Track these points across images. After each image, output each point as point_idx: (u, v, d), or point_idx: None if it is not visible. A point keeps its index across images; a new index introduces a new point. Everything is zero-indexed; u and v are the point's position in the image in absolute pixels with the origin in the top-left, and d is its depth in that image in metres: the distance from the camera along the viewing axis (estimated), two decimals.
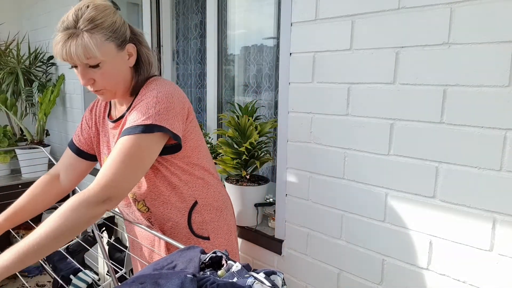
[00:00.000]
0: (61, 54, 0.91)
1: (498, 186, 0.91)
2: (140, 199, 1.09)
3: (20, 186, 2.66)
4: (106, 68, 0.95)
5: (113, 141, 1.12)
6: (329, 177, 1.25)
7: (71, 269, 1.39)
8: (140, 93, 1.03)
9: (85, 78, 0.95)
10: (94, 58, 0.92)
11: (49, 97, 2.67)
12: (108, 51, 0.94)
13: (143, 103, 0.97)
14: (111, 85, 0.99)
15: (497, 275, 0.93)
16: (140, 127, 0.93)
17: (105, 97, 1.02)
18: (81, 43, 0.89)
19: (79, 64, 0.94)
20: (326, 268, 1.29)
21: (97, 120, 1.20)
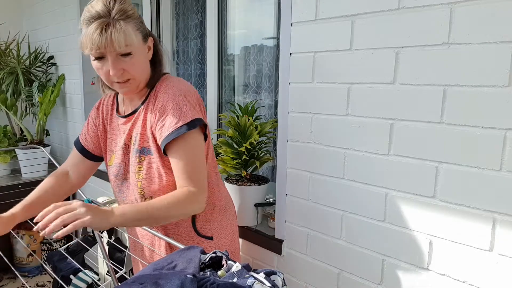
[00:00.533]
0: (99, 42, 0.91)
1: (498, 186, 0.91)
2: (148, 196, 1.08)
3: (20, 186, 2.66)
4: (136, 57, 0.98)
5: (123, 136, 1.11)
6: (329, 177, 1.25)
7: (71, 269, 1.39)
8: (157, 89, 1.06)
9: (116, 68, 0.96)
10: (131, 46, 0.95)
11: (49, 97, 2.67)
12: (138, 41, 0.98)
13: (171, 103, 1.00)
14: (138, 75, 1.01)
15: (497, 275, 0.93)
16: (184, 127, 0.97)
17: (130, 88, 1.03)
18: (121, 30, 0.92)
19: (111, 53, 0.94)
20: (326, 268, 1.29)
21: (104, 118, 1.19)
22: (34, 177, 2.74)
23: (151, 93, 1.07)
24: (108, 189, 2.42)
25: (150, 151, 1.05)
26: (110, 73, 0.97)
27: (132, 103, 1.12)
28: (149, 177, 1.06)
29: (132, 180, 1.09)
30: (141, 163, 1.06)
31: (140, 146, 1.07)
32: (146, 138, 1.06)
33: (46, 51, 2.96)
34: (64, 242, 2.87)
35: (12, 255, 2.73)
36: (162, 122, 1.00)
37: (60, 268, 1.36)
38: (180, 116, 0.98)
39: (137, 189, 1.08)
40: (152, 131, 1.04)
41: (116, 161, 1.13)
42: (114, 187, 1.17)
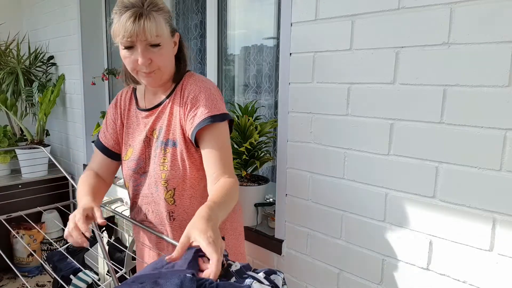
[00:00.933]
0: (131, 30, 0.94)
1: (498, 186, 0.91)
2: (171, 188, 1.08)
3: (20, 186, 2.66)
4: (164, 49, 1.01)
5: (144, 130, 1.12)
6: (329, 177, 1.25)
7: (71, 269, 1.39)
8: (184, 83, 1.09)
9: (145, 57, 0.99)
10: (160, 37, 0.98)
11: (49, 97, 2.67)
12: (167, 34, 1.02)
13: (204, 94, 1.04)
14: (164, 67, 1.04)
15: (497, 275, 0.93)
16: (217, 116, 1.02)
17: (154, 79, 1.04)
18: (153, 20, 0.96)
19: (142, 42, 0.97)
20: (326, 268, 1.29)
21: (122, 113, 1.19)
22: (34, 177, 2.74)
23: (177, 87, 1.10)
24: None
25: (175, 143, 1.07)
26: (139, 62, 0.99)
27: (155, 97, 1.13)
28: (174, 169, 1.07)
29: (155, 172, 1.08)
30: (166, 155, 1.07)
31: (165, 138, 1.08)
32: (172, 131, 1.08)
33: (46, 51, 2.96)
34: (64, 242, 2.87)
35: (12, 255, 2.73)
36: (194, 112, 1.03)
37: (60, 268, 1.36)
38: (213, 107, 1.03)
39: (161, 181, 1.08)
40: (180, 123, 1.06)
41: (134, 155, 1.13)
42: (131, 181, 1.16)
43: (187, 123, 1.04)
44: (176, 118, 1.07)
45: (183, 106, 1.07)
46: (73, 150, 2.86)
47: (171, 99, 1.10)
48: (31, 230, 2.69)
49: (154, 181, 1.09)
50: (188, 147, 1.07)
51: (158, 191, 1.09)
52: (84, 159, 2.67)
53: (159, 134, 1.10)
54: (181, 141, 1.06)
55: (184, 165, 1.07)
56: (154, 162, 1.09)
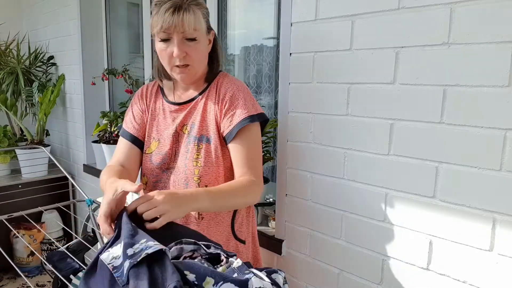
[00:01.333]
0: (170, 21, 0.95)
1: (498, 186, 0.91)
2: (203, 185, 1.07)
3: (20, 186, 2.66)
4: (200, 43, 1.02)
5: (173, 124, 1.11)
6: (329, 177, 1.25)
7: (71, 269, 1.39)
8: (219, 81, 1.10)
9: (181, 50, 0.99)
10: (197, 32, 1.00)
11: (49, 97, 2.67)
12: (204, 29, 1.03)
13: (242, 94, 1.06)
14: (198, 62, 1.05)
15: (497, 275, 0.93)
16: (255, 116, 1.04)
17: (188, 75, 1.05)
18: (192, 13, 0.97)
19: (179, 35, 0.98)
20: (326, 268, 1.29)
21: (148, 104, 1.18)
22: (34, 177, 2.75)
23: (211, 85, 1.11)
24: None
25: (209, 140, 1.07)
26: (174, 54, 0.99)
27: (186, 93, 1.13)
28: (207, 165, 1.06)
29: (187, 168, 1.06)
30: (199, 151, 1.07)
31: (198, 134, 1.07)
32: (206, 127, 1.08)
33: (46, 51, 2.97)
34: (64, 241, 2.87)
35: (12, 255, 2.73)
36: (233, 110, 1.04)
37: (60, 268, 1.36)
38: (251, 107, 1.05)
39: (193, 177, 1.06)
40: (215, 120, 1.07)
41: (160, 149, 1.11)
42: (151, 176, 1.13)
43: (224, 120, 1.05)
44: (210, 115, 1.08)
45: (219, 103, 1.07)
46: (73, 150, 2.86)
47: (204, 96, 1.10)
48: (31, 230, 2.69)
49: (184, 177, 1.07)
50: (221, 144, 1.07)
51: (188, 187, 1.07)
52: (84, 159, 2.67)
53: (191, 130, 1.09)
54: (215, 138, 1.06)
55: (218, 162, 1.07)
56: (185, 157, 1.07)
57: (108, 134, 2.26)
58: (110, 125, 2.17)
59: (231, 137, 1.04)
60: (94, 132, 2.35)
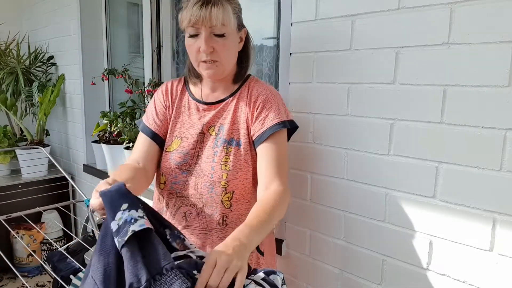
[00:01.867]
0: (198, 15, 0.94)
1: (498, 186, 0.91)
2: (230, 190, 1.03)
3: (20, 186, 2.66)
4: (228, 40, 1.00)
5: (200, 124, 1.07)
6: (329, 177, 1.25)
7: (71, 269, 1.39)
8: (251, 85, 1.09)
9: (208, 44, 0.97)
10: (226, 27, 0.97)
11: (49, 97, 2.67)
12: (234, 25, 1.00)
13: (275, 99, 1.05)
14: (226, 59, 1.02)
15: (497, 275, 0.93)
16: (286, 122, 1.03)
17: (215, 71, 1.02)
18: (222, 8, 0.95)
19: (207, 29, 0.96)
20: (326, 268, 1.29)
21: (173, 101, 1.13)
22: (34, 177, 2.74)
23: (242, 88, 1.09)
24: None
25: (239, 143, 1.04)
26: (201, 49, 0.98)
27: (214, 93, 1.10)
28: (236, 170, 1.03)
29: (215, 171, 1.03)
30: (228, 154, 1.03)
31: (228, 137, 1.05)
32: (236, 130, 1.05)
33: (46, 51, 2.96)
34: (64, 242, 2.87)
35: (12, 255, 2.73)
36: (266, 113, 1.03)
37: (60, 268, 1.36)
38: (283, 112, 1.04)
39: (221, 181, 1.02)
40: (247, 123, 1.05)
41: (182, 148, 1.07)
42: (169, 176, 1.08)
43: (255, 123, 1.03)
44: (241, 118, 1.05)
45: (250, 106, 1.05)
46: (73, 150, 2.86)
47: (235, 98, 1.07)
48: (31, 230, 2.69)
49: (210, 181, 1.03)
50: (250, 149, 1.05)
51: (213, 191, 1.03)
52: (84, 159, 2.67)
53: (219, 132, 1.06)
54: (245, 142, 1.04)
55: (246, 167, 1.04)
56: (212, 160, 1.04)
57: (108, 134, 2.26)
58: (110, 125, 2.17)
59: (262, 140, 1.02)
60: (94, 132, 2.35)
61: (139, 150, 1.11)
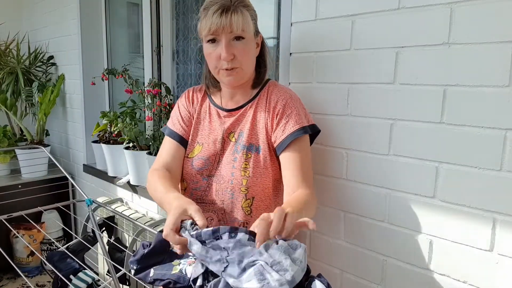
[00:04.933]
0: (218, 22, 0.95)
1: (498, 186, 0.91)
2: (250, 196, 1.03)
3: (20, 186, 2.66)
4: (247, 44, 1.01)
5: (221, 130, 1.08)
6: (329, 177, 1.25)
7: (71, 269, 1.39)
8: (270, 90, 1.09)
9: (229, 51, 0.98)
10: (246, 32, 0.99)
11: (49, 97, 2.67)
12: (252, 31, 1.02)
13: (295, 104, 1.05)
14: (247, 64, 1.03)
15: (497, 275, 0.93)
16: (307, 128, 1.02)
17: (235, 78, 1.02)
18: (241, 14, 0.97)
19: (227, 36, 0.97)
20: (326, 268, 1.29)
21: (195, 108, 1.15)
22: (34, 177, 2.74)
23: (260, 93, 1.09)
24: (108, 188, 2.42)
25: (258, 149, 1.04)
26: (221, 57, 0.98)
27: (233, 99, 1.11)
28: (256, 176, 1.03)
29: (235, 177, 1.03)
30: (248, 160, 1.03)
31: (247, 143, 1.05)
32: (255, 136, 1.05)
33: (46, 51, 2.96)
34: (64, 242, 2.87)
35: (12, 255, 2.73)
36: (287, 119, 1.02)
37: (60, 268, 1.36)
38: (303, 117, 1.04)
39: (241, 187, 1.03)
40: (266, 129, 1.04)
41: (203, 154, 1.08)
42: (191, 182, 1.09)
43: (276, 130, 1.02)
44: (260, 123, 1.05)
45: (270, 111, 1.04)
46: (73, 150, 2.86)
47: (254, 104, 1.07)
48: (31, 230, 2.69)
49: (231, 187, 1.03)
50: (270, 155, 1.04)
51: (233, 198, 1.03)
52: (84, 159, 2.67)
53: (239, 138, 1.06)
54: (265, 148, 1.04)
55: (266, 172, 1.03)
56: (232, 166, 1.04)
57: (108, 134, 2.26)
58: (110, 125, 2.17)
59: (283, 147, 1.01)
60: (94, 132, 2.35)
61: (167, 154, 1.11)
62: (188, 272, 0.77)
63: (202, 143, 1.10)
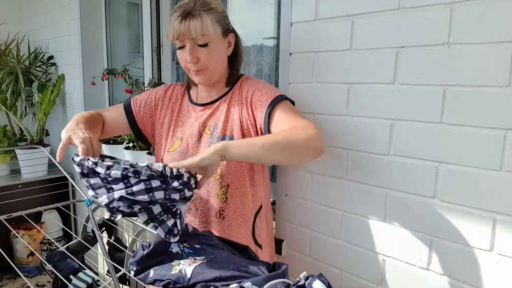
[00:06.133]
0: (179, 29, 1.00)
1: (498, 186, 0.91)
2: (225, 184, 1.08)
3: (20, 186, 2.66)
4: (212, 48, 1.04)
5: (197, 124, 1.13)
6: (329, 177, 1.25)
7: (71, 269, 1.39)
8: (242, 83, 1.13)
9: (192, 55, 1.03)
10: (207, 37, 1.02)
11: (49, 97, 2.67)
12: (216, 33, 1.04)
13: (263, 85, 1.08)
14: (212, 66, 1.06)
15: (497, 275, 0.93)
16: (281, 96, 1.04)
17: (203, 78, 1.08)
18: (199, 20, 1.00)
19: (190, 41, 1.02)
20: (326, 268, 1.29)
21: (173, 103, 1.20)
22: (34, 177, 2.74)
23: (233, 88, 1.13)
24: None
25: (232, 139, 1.07)
26: (187, 60, 1.04)
27: (209, 94, 1.16)
28: (230, 165, 1.07)
29: None
30: None
31: (222, 134, 1.09)
32: (230, 128, 1.09)
33: (45, 51, 2.96)
34: (64, 242, 2.87)
35: (12, 255, 2.73)
36: (261, 100, 1.05)
37: (60, 268, 1.36)
38: (275, 92, 1.06)
39: (215, 176, 1.07)
40: (240, 120, 1.08)
41: (182, 148, 1.14)
42: None
43: (256, 111, 1.06)
44: (234, 116, 1.09)
45: (244, 103, 1.09)
46: (73, 150, 2.85)
47: (227, 98, 1.12)
48: (31, 230, 2.69)
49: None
50: None
51: (209, 186, 1.08)
52: None
53: (214, 130, 1.10)
54: (238, 138, 1.07)
55: (240, 162, 1.07)
56: None
57: None
58: None
59: (267, 119, 1.03)
60: None
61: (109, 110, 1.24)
62: (187, 272, 0.77)
63: (181, 137, 1.15)
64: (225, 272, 0.75)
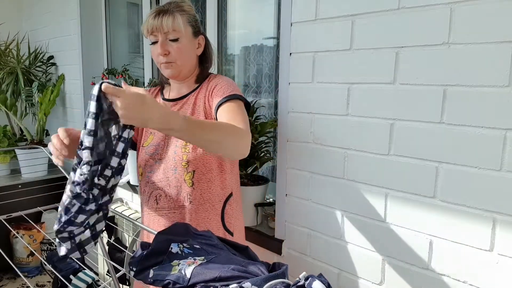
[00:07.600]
0: (152, 24, 1.09)
1: (498, 186, 0.91)
2: (190, 170, 1.12)
3: (20, 186, 2.66)
4: (182, 43, 1.13)
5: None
6: (329, 177, 1.25)
7: (71, 269, 1.39)
8: (210, 79, 1.19)
9: (163, 48, 1.11)
10: (178, 32, 1.10)
11: (49, 97, 2.67)
12: (187, 32, 1.13)
13: (226, 82, 1.14)
14: (181, 61, 1.14)
15: (497, 275, 0.93)
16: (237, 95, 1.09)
17: (172, 71, 1.15)
18: (171, 17, 1.10)
19: (162, 36, 1.10)
20: (326, 268, 1.29)
21: None
22: (34, 177, 2.74)
23: (202, 84, 1.20)
24: None
25: None
26: (158, 52, 1.12)
27: (179, 91, 1.23)
28: (195, 150, 1.12)
29: (176, 154, 1.13)
30: None
31: None
32: (196, 116, 1.15)
33: (46, 51, 2.96)
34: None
35: (12, 255, 2.73)
36: (219, 92, 1.12)
37: (60, 268, 1.36)
38: (234, 90, 1.12)
39: (181, 162, 1.12)
40: (204, 110, 1.14)
41: (154, 141, 1.19)
42: (146, 167, 1.21)
43: (213, 100, 1.12)
44: (200, 107, 1.15)
45: (206, 95, 1.15)
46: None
47: (196, 92, 1.19)
48: (31, 230, 2.69)
49: (173, 164, 1.13)
50: None
51: (176, 173, 1.13)
52: None
53: None
54: None
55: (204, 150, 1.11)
56: (175, 145, 1.14)
57: None
58: None
59: (218, 106, 1.08)
60: None
61: None
62: (187, 272, 0.77)
63: (154, 132, 1.21)
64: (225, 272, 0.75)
